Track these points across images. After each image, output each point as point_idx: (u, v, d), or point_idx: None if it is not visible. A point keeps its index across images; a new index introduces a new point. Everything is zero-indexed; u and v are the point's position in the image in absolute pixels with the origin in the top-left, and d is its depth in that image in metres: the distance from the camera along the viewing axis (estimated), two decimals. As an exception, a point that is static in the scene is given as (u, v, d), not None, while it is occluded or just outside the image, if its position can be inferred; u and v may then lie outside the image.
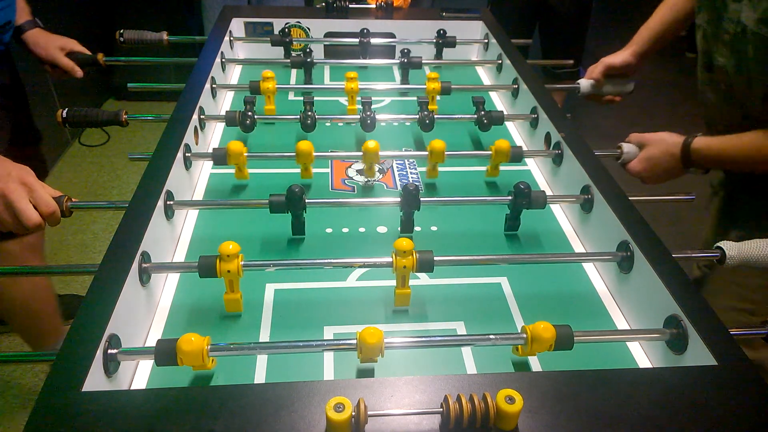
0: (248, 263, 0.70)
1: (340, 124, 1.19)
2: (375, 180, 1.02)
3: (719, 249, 0.77)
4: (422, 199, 0.84)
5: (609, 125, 3.01)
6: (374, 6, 1.51)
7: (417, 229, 0.90)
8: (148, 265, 0.70)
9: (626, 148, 1.07)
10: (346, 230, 0.90)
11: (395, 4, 1.50)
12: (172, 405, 0.51)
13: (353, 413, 0.48)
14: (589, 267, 0.85)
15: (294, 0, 2.31)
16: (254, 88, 1.14)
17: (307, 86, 1.27)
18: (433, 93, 1.18)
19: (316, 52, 1.43)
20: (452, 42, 1.42)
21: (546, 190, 0.98)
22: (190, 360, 0.58)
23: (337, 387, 0.53)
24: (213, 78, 1.16)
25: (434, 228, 0.91)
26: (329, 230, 0.89)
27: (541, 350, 0.62)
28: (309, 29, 1.47)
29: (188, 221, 0.90)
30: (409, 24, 1.48)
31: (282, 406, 0.51)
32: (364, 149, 0.95)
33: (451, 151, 0.98)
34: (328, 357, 0.67)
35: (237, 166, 0.95)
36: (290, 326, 0.72)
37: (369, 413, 0.49)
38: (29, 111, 1.40)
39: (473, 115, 1.10)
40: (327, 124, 1.19)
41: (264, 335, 0.71)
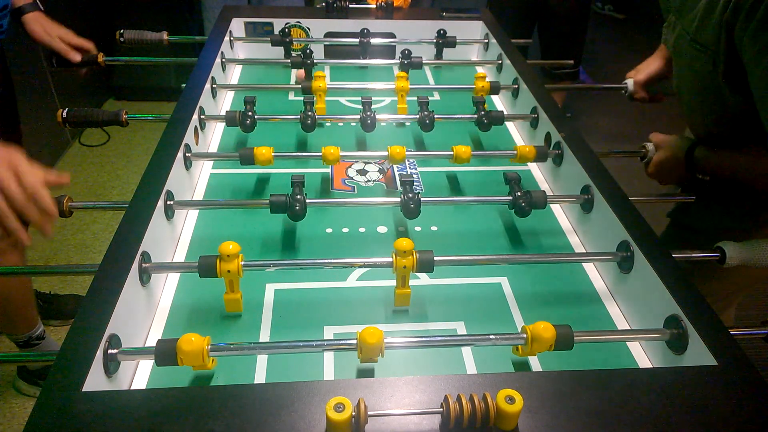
0: (248, 263, 0.70)
1: (340, 124, 1.19)
2: (380, 177, 1.02)
3: (719, 249, 0.77)
4: (422, 199, 0.84)
5: (609, 125, 3.01)
6: (374, 6, 1.51)
7: (417, 229, 0.90)
8: (148, 265, 0.70)
9: (650, 148, 1.09)
10: (346, 230, 0.90)
11: (395, 4, 1.50)
12: (172, 405, 0.51)
13: (353, 413, 0.48)
14: (589, 267, 0.85)
15: (294, 0, 2.31)
16: (306, 88, 1.13)
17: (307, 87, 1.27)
18: (402, 91, 1.17)
19: (317, 52, 1.42)
20: (452, 42, 1.42)
21: (546, 190, 0.98)
22: (190, 360, 0.58)
23: (337, 387, 0.53)
24: (213, 78, 1.16)
25: (434, 228, 0.91)
26: (329, 230, 0.89)
27: (541, 350, 0.62)
28: (309, 29, 1.47)
29: (188, 221, 0.90)
30: (409, 24, 1.48)
31: (282, 406, 0.51)
32: (390, 152, 0.96)
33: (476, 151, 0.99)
34: (328, 357, 0.67)
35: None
36: (290, 326, 0.72)
37: (369, 413, 0.49)
38: (17, 110, 1.41)
39: (473, 115, 1.10)
40: (327, 124, 1.19)
41: (264, 335, 0.71)
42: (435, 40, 1.42)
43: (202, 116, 1.05)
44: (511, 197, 0.86)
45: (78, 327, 0.58)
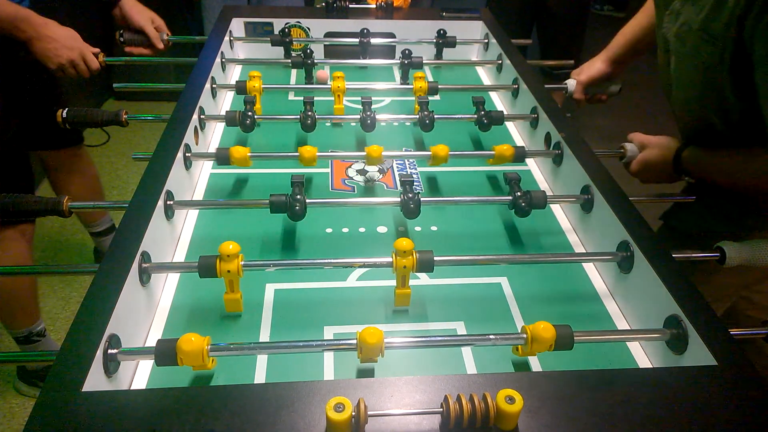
0: (248, 263, 0.70)
1: (341, 124, 1.19)
2: (378, 178, 1.02)
3: (719, 249, 0.77)
4: (422, 199, 0.84)
5: (609, 125, 3.01)
6: (374, 6, 1.51)
7: (417, 229, 0.90)
8: (148, 265, 0.70)
9: (629, 149, 1.07)
10: (346, 230, 0.90)
11: (395, 4, 1.50)
12: (172, 405, 0.51)
13: (353, 413, 0.48)
14: (589, 267, 0.85)
15: (294, 0, 2.31)
16: (241, 89, 1.14)
17: (307, 86, 1.27)
18: (420, 92, 1.16)
19: (317, 52, 1.42)
20: (452, 42, 1.42)
21: (546, 190, 0.98)
22: (190, 360, 0.58)
23: (337, 387, 0.53)
24: (213, 78, 1.16)
25: (434, 228, 0.91)
26: (329, 230, 0.89)
27: (541, 350, 0.62)
28: (309, 29, 1.47)
29: (188, 221, 0.90)
30: (409, 24, 1.48)
31: (282, 406, 0.51)
32: (368, 152, 0.95)
33: (453, 151, 0.98)
34: (328, 357, 0.67)
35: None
36: (290, 326, 0.72)
37: (369, 413, 0.49)
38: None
39: (473, 115, 1.10)
40: (327, 124, 1.19)
41: (264, 335, 0.71)
42: (435, 40, 1.42)
43: (202, 116, 1.05)
44: (511, 197, 0.86)
45: (78, 327, 0.58)
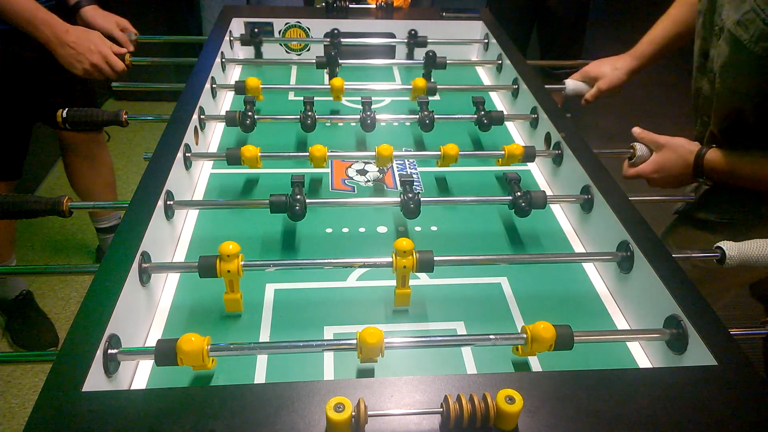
0: (248, 263, 0.70)
1: (340, 124, 1.19)
2: (380, 177, 1.02)
3: (719, 249, 0.77)
4: (422, 199, 0.84)
5: (609, 125, 3.01)
6: (374, 6, 1.51)
7: (417, 229, 0.90)
8: (148, 265, 0.70)
9: (639, 149, 1.05)
10: (346, 230, 0.90)
11: (395, 4, 1.50)
12: (172, 405, 0.51)
13: (353, 413, 0.48)
14: (589, 267, 0.85)
15: (294, 0, 2.31)
16: (239, 89, 1.14)
17: (306, 86, 1.27)
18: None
19: (316, 52, 1.42)
20: (424, 42, 1.43)
21: (546, 190, 0.98)
22: (190, 360, 0.58)
23: (337, 387, 0.53)
24: (213, 78, 1.16)
25: (434, 228, 0.91)
26: (329, 230, 0.89)
27: (541, 350, 0.62)
28: (309, 29, 1.47)
29: (188, 221, 0.90)
30: (409, 24, 1.48)
31: (282, 406, 0.51)
32: (377, 151, 0.95)
33: (462, 151, 0.98)
34: (328, 357, 0.67)
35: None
36: (290, 326, 0.72)
37: (369, 413, 0.49)
38: None
39: (473, 115, 1.10)
40: (327, 124, 1.19)
41: (264, 335, 0.71)
42: (406, 41, 1.43)
43: (202, 116, 1.05)
44: (511, 197, 0.86)
45: (78, 327, 0.58)
